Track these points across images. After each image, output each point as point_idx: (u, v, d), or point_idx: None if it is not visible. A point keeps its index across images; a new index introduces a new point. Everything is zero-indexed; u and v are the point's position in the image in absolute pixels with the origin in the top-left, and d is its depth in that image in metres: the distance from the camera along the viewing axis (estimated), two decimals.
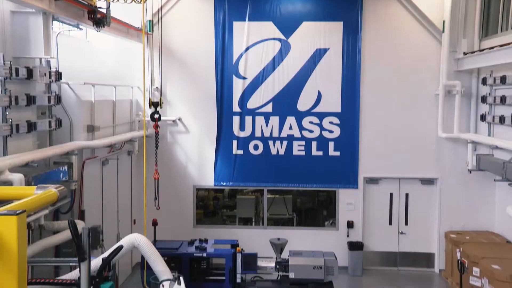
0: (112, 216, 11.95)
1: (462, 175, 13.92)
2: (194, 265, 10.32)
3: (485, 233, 13.47)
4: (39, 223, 7.76)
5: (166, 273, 6.46)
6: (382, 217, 14.37)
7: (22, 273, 1.80)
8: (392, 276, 13.91)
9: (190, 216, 14.52)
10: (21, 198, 2.11)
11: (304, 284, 10.30)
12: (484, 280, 10.94)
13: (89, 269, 5.57)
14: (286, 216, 15.49)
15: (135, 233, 6.82)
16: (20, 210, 1.82)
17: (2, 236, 1.75)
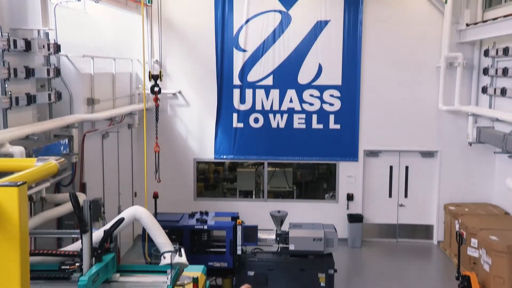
0: (113, 189, 12.02)
1: (462, 148, 13.94)
2: (194, 237, 10.40)
3: (484, 205, 13.57)
4: (41, 196, 7.81)
5: (167, 245, 6.51)
6: (382, 190, 14.45)
7: (24, 244, 1.81)
8: (391, 248, 14.07)
9: (190, 189, 14.59)
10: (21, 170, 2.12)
11: (304, 256, 10.41)
12: (481, 251, 11.05)
13: (91, 241, 5.63)
14: (286, 189, 15.57)
15: (136, 206, 6.85)
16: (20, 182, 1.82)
17: (3, 207, 1.76)
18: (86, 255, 5.56)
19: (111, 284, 5.83)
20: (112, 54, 12.11)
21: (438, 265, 13.26)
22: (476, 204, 13.63)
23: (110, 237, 5.94)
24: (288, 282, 10.35)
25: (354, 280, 11.87)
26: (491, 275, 10.66)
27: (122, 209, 10.40)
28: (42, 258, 5.97)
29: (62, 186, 9.27)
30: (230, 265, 10.23)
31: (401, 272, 12.37)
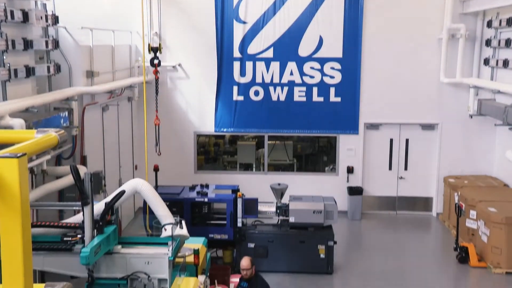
0: (114, 162, 12.04)
1: (463, 121, 13.92)
2: (195, 209, 10.47)
3: (484, 177, 13.62)
4: (42, 168, 7.83)
5: (168, 217, 6.56)
6: (382, 163, 14.48)
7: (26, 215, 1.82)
8: (391, 220, 14.17)
9: (191, 162, 14.62)
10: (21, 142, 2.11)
11: (304, 228, 10.50)
12: (480, 222, 11.15)
13: (92, 213, 5.66)
14: (286, 162, 15.61)
15: (137, 178, 6.88)
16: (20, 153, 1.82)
17: (4, 178, 1.75)
18: (88, 227, 5.60)
19: (113, 255, 5.89)
20: (111, 26, 11.99)
21: (436, 237, 13.38)
22: (476, 176, 13.68)
23: (111, 210, 5.98)
24: (288, 254, 10.46)
25: (354, 252, 11.99)
26: (488, 246, 10.78)
27: (123, 182, 10.46)
28: (44, 230, 6.02)
29: (63, 159, 9.29)
30: (230, 237, 10.33)
31: (400, 243, 12.49)
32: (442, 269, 11.05)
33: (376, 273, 10.66)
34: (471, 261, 10.94)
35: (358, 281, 10.32)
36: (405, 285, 10.14)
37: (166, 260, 5.86)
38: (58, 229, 6.04)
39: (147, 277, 5.82)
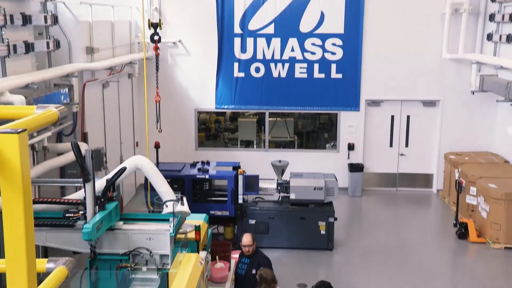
0: (115, 139, 12.04)
1: (465, 97, 13.86)
2: (196, 186, 10.51)
3: (484, 153, 13.63)
4: (43, 145, 7.83)
5: (169, 194, 6.57)
6: (383, 139, 14.47)
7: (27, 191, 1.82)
8: (391, 196, 14.23)
9: (192, 139, 14.62)
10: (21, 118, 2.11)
11: (304, 205, 10.54)
12: (480, 199, 11.20)
13: (94, 190, 5.67)
14: (287, 139, 15.61)
15: (138, 155, 6.87)
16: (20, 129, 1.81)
17: (4, 154, 1.75)
18: (90, 204, 5.61)
19: (115, 231, 5.91)
20: (111, 1, 11.86)
21: (436, 213, 13.46)
22: (477, 152, 13.69)
23: (112, 186, 5.98)
24: (289, 230, 10.53)
25: (354, 228, 12.07)
26: (488, 221, 10.85)
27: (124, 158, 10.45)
28: (46, 206, 6.03)
29: (64, 135, 9.29)
30: (231, 213, 10.38)
31: (400, 220, 12.57)
32: (442, 245, 11.14)
33: (376, 249, 10.75)
34: (470, 236, 11.02)
35: (358, 257, 10.41)
36: (405, 261, 10.24)
37: (167, 236, 5.89)
38: (60, 205, 6.05)
39: (149, 253, 5.85)
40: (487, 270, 10.11)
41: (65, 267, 2.44)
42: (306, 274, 9.48)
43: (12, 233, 1.85)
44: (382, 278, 9.46)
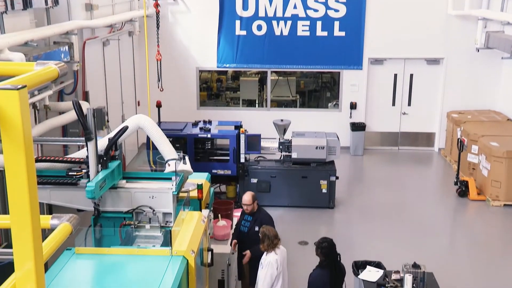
0: (116, 98, 12.00)
1: (469, 54, 13.70)
2: (198, 145, 10.53)
3: (487, 111, 13.58)
4: (44, 104, 7.80)
5: (171, 153, 6.58)
6: (385, 98, 14.40)
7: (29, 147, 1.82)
8: (393, 155, 14.28)
9: (193, 98, 14.56)
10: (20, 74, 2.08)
11: (306, 164, 10.59)
12: (481, 157, 11.23)
13: (96, 148, 5.68)
14: (289, 98, 15.54)
15: (139, 114, 6.85)
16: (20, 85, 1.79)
17: (5, 111, 1.74)
18: (92, 162, 5.64)
19: (118, 190, 5.96)
20: None
21: (438, 171, 13.52)
22: (479, 111, 13.63)
23: (115, 145, 5.99)
24: (291, 189, 10.61)
25: (355, 186, 12.16)
26: (489, 179, 10.92)
27: (126, 118, 10.45)
28: (49, 165, 6.07)
29: (65, 94, 9.24)
30: (233, 172, 10.44)
31: (401, 178, 12.64)
32: (442, 203, 11.24)
33: (377, 207, 10.86)
34: (471, 194, 11.11)
35: (359, 215, 10.53)
36: (405, 218, 10.35)
37: (170, 195, 5.94)
38: (63, 164, 6.09)
39: (152, 211, 5.92)
40: (486, 227, 10.24)
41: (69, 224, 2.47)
42: (308, 232, 9.62)
43: (15, 189, 1.86)
44: (382, 236, 9.59)
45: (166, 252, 5.34)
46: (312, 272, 5.67)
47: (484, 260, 8.83)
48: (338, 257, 5.69)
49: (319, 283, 5.47)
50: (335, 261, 5.64)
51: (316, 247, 5.69)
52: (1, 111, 1.79)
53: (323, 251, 5.58)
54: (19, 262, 1.93)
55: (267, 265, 5.93)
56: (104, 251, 5.44)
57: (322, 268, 5.55)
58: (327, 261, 5.56)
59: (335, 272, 5.56)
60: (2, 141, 1.87)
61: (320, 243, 5.65)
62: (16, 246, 1.92)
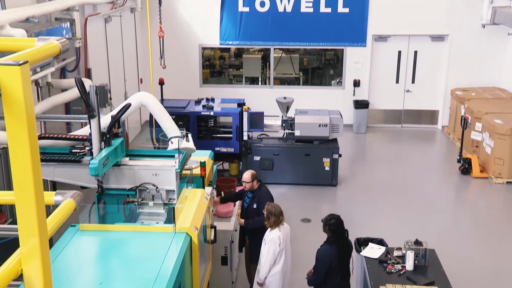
0: (119, 75, 11.96)
1: (475, 30, 13.56)
2: (201, 123, 10.52)
3: (492, 89, 13.50)
4: (47, 81, 7.78)
5: (174, 130, 6.58)
6: (389, 76, 14.32)
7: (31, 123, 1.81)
8: (396, 133, 14.25)
9: (196, 76, 14.50)
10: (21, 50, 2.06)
11: (309, 141, 10.58)
12: (485, 134, 11.21)
13: (99, 126, 5.68)
14: (292, 75, 15.46)
15: (142, 92, 6.84)
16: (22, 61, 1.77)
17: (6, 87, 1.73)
18: (95, 140, 5.64)
19: (121, 167, 5.98)
20: None
21: (441, 149, 13.51)
22: (484, 88, 13.55)
23: (117, 122, 5.99)
24: (293, 166, 10.62)
25: (358, 164, 12.17)
26: (492, 157, 10.91)
27: (128, 95, 10.43)
28: (52, 142, 6.08)
29: (67, 71, 9.21)
30: (236, 150, 10.45)
31: (404, 156, 12.64)
32: (444, 180, 11.25)
33: (380, 185, 10.88)
34: (473, 172, 11.12)
35: (361, 193, 10.55)
36: (408, 196, 10.38)
37: (173, 172, 5.96)
38: (66, 141, 6.10)
39: (155, 188, 5.95)
40: (488, 204, 10.27)
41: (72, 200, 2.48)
42: (310, 210, 9.67)
43: (19, 165, 1.86)
44: (385, 213, 9.63)
45: (170, 229, 5.38)
46: (320, 247, 5.74)
47: (486, 237, 8.87)
48: (346, 233, 5.75)
49: (326, 259, 5.55)
50: (343, 237, 5.70)
51: (323, 224, 5.75)
52: (3, 87, 1.79)
53: (331, 228, 5.65)
54: (23, 237, 1.94)
55: (270, 241, 5.98)
56: (108, 227, 5.48)
57: (330, 244, 5.63)
58: (334, 237, 5.63)
59: (342, 248, 5.63)
60: (4, 117, 1.87)
61: (328, 220, 5.70)
62: (20, 222, 1.93)
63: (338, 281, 5.61)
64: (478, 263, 7.98)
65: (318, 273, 5.59)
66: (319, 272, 5.58)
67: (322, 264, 5.56)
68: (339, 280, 5.61)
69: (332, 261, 5.54)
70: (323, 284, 5.63)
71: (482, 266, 7.89)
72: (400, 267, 6.03)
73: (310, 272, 5.96)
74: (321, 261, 5.58)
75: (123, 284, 4.50)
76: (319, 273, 5.58)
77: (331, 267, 5.55)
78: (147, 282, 4.47)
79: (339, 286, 5.66)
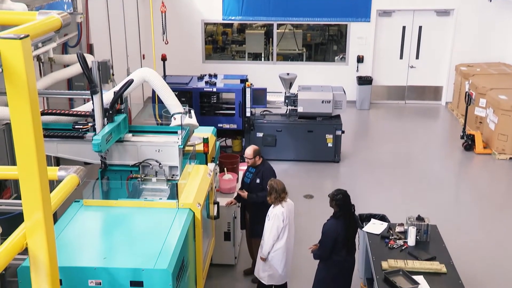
0: (121, 51, 11.88)
1: (481, 5, 13.38)
2: (204, 99, 10.49)
3: (497, 64, 13.38)
4: (49, 56, 7.74)
5: (177, 106, 6.56)
6: (393, 51, 14.20)
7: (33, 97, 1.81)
8: (399, 109, 14.20)
9: (198, 51, 14.41)
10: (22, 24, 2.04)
11: (312, 118, 10.56)
12: (489, 110, 11.15)
13: (102, 102, 5.67)
14: (295, 51, 15.35)
15: (144, 68, 6.81)
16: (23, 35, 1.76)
17: (8, 60, 1.72)
18: (98, 115, 5.64)
19: (124, 143, 5.98)
20: None
21: (444, 126, 13.47)
22: (489, 63, 13.43)
23: (120, 98, 5.98)
24: (296, 143, 10.62)
25: (361, 140, 12.15)
26: (495, 133, 10.88)
27: (131, 71, 10.38)
28: (55, 118, 6.08)
29: (69, 47, 9.16)
30: (239, 126, 10.44)
31: (407, 132, 12.61)
32: (447, 156, 11.25)
33: (383, 161, 10.88)
34: (477, 148, 11.10)
35: (364, 169, 10.56)
36: (410, 172, 10.38)
37: (176, 148, 5.96)
38: (69, 117, 6.10)
39: (158, 164, 5.96)
40: (491, 180, 10.28)
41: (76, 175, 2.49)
42: (313, 186, 9.69)
43: (22, 140, 1.86)
44: (387, 189, 9.66)
45: (173, 204, 5.41)
46: (326, 222, 5.77)
47: (488, 212, 8.90)
48: (352, 208, 5.78)
49: (333, 233, 5.59)
50: (350, 212, 5.74)
51: (330, 199, 5.77)
52: (5, 61, 1.78)
53: (338, 203, 5.68)
54: (28, 212, 1.95)
55: (273, 217, 6.01)
56: (112, 203, 5.51)
57: (336, 219, 5.67)
58: (341, 212, 5.67)
59: (349, 223, 5.68)
60: (6, 91, 1.86)
61: (335, 195, 5.73)
62: (24, 196, 1.94)
63: (343, 256, 5.66)
64: (480, 239, 8.02)
65: (324, 247, 5.65)
66: (325, 246, 5.64)
67: (328, 238, 5.61)
68: (344, 255, 5.66)
69: (338, 235, 5.59)
70: (329, 258, 5.69)
71: (483, 242, 7.93)
72: (402, 243, 6.07)
73: (314, 246, 6.00)
74: (327, 235, 5.63)
75: (127, 259, 4.54)
76: (325, 247, 5.63)
77: (337, 241, 5.60)
78: (150, 257, 4.52)
79: (345, 260, 5.71)
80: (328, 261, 5.73)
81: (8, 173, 2.70)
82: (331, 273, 5.73)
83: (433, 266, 5.62)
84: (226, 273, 7.13)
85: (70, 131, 5.93)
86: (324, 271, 5.76)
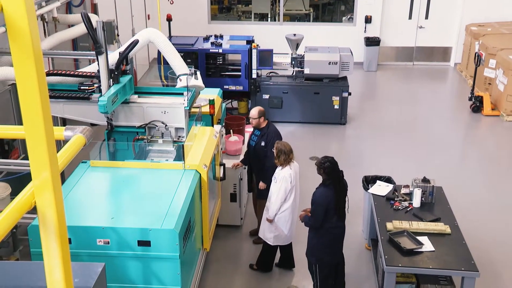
0: (126, 11, 11.73)
1: None
2: (210, 60, 10.39)
3: (509, 23, 13.10)
4: (53, 16, 7.66)
5: (182, 67, 6.52)
6: (402, 11, 13.93)
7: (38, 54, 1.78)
8: (407, 71, 14.05)
9: (204, 12, 14.19)
10: None
11: (318, 79, 10.47)
12: (498, 71, 11.01)
13: (107, 62, 5.64)
14: (302, 12, 15.10)
15: (150, 28, 6.73)
16: None
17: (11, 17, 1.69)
18: (104, 76, 5.61)
19: (130, 104, 5.98)
20: None
21: (452, 87, 13.34)
22: (501, 23, 13.15)
23: (125, 59, 5.94)
24: (303, 105, 10.57)
25: (368, 102, 12.07)
26: (504, 94, 10.77)
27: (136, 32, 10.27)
28: (61, 79, 6.06)
29: (73, 6, 9.04)
30: (245, 88, 10.38)
31: (414, 94, 12.51)
32: (454, 118, 11.18)
33: (389, 123, 10.83)
34: (485, 109, 11.01)
35: (370, 131, 10.53)
36: (417, 134, 10.35)
37: (182, 110, 5.96)
38: (75, 78, 6.08)
39: (164, 126, 5.97)
40: (498, 142, 10.24)
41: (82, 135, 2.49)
42: (319, 148, 9.69)
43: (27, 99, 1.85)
44: (394, 151, 9.65)
45: (179, 166, 5.44)
46: (315, 190, 5.64)
47: (495, 174, 8.90)
48: (341, 174, 5.63)
49: (323, 201, 5.45)
50: (339, 179, 5.59)
51: (317, 167, 5.59)
52: (7, 17, 1.75)
53: (326, 171, 5.51)
54: (35, 171, 1.96)
55: (282, 179, 5.99)
56: (119, 164, 5.55)
57: (326, 186, 5.52)
58: (330, 179, 5.51)
59: (338, 190, 5.53)
60: (10, 49, 1.84)
61: (322, 163, 5.54)
62: (31, 155, 1.95)
63: (334, 222, 5.50)
64: (486, 201, 8.04)
65: (316, 215, 5.47)
66: (317, 214, 5.47)
67: (319, 207, 5.46)
68: (335, 221, 5.51)
69: (329, 203, 5.45)
70: (320, 225, 5.57)
71: (489, 203, 7.96)
72: (407, 204, 6.10)
73: (303, 212, 5.88)
74: (318, 203, 5.48)
75: (134, 219, 4.60)
76: (317, 216, 5.47)
77: (328, 209, 5.46)
78: (158, 217, 4.57)
79: (336, 226, 5.57)
80: (320, 228, 5.61)
81: (15, 132, 2.70)
82: (323, 240, 5.61)
83: (437, 227, 5.66)
84: (232, 234, 7.22)
85: (76, 92, 5.92)
86: (316, 238, 5.65)
